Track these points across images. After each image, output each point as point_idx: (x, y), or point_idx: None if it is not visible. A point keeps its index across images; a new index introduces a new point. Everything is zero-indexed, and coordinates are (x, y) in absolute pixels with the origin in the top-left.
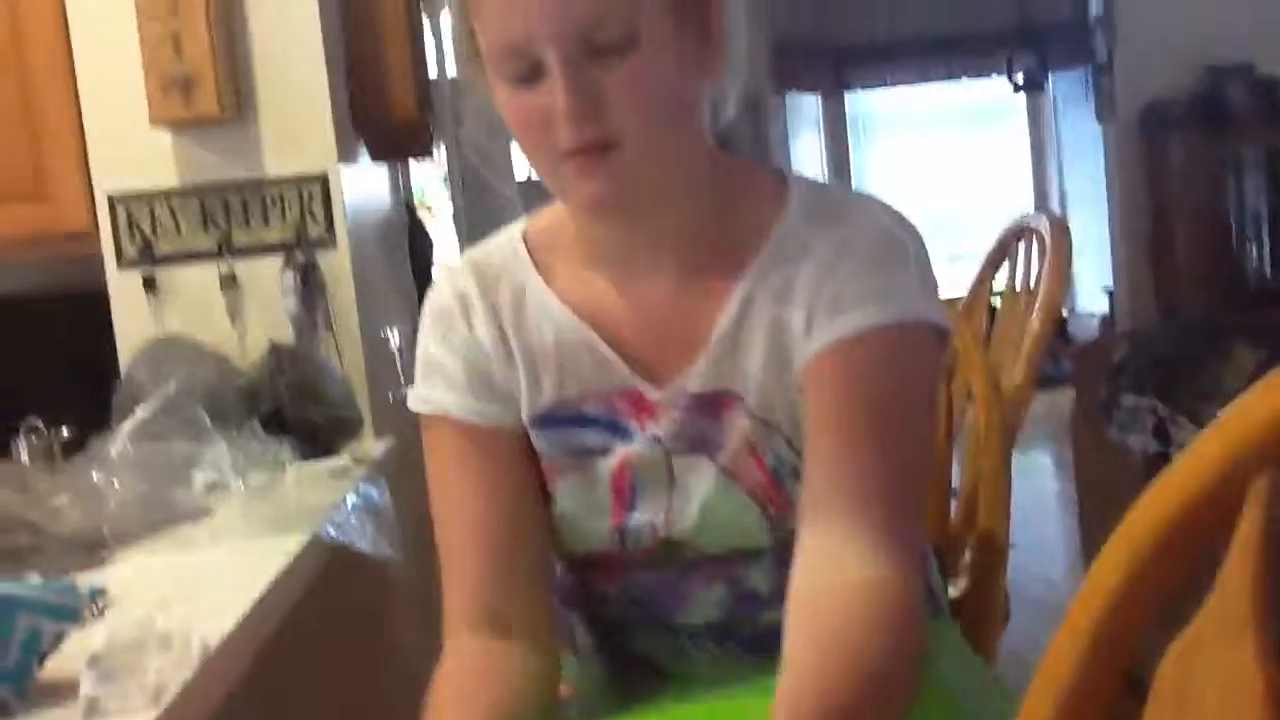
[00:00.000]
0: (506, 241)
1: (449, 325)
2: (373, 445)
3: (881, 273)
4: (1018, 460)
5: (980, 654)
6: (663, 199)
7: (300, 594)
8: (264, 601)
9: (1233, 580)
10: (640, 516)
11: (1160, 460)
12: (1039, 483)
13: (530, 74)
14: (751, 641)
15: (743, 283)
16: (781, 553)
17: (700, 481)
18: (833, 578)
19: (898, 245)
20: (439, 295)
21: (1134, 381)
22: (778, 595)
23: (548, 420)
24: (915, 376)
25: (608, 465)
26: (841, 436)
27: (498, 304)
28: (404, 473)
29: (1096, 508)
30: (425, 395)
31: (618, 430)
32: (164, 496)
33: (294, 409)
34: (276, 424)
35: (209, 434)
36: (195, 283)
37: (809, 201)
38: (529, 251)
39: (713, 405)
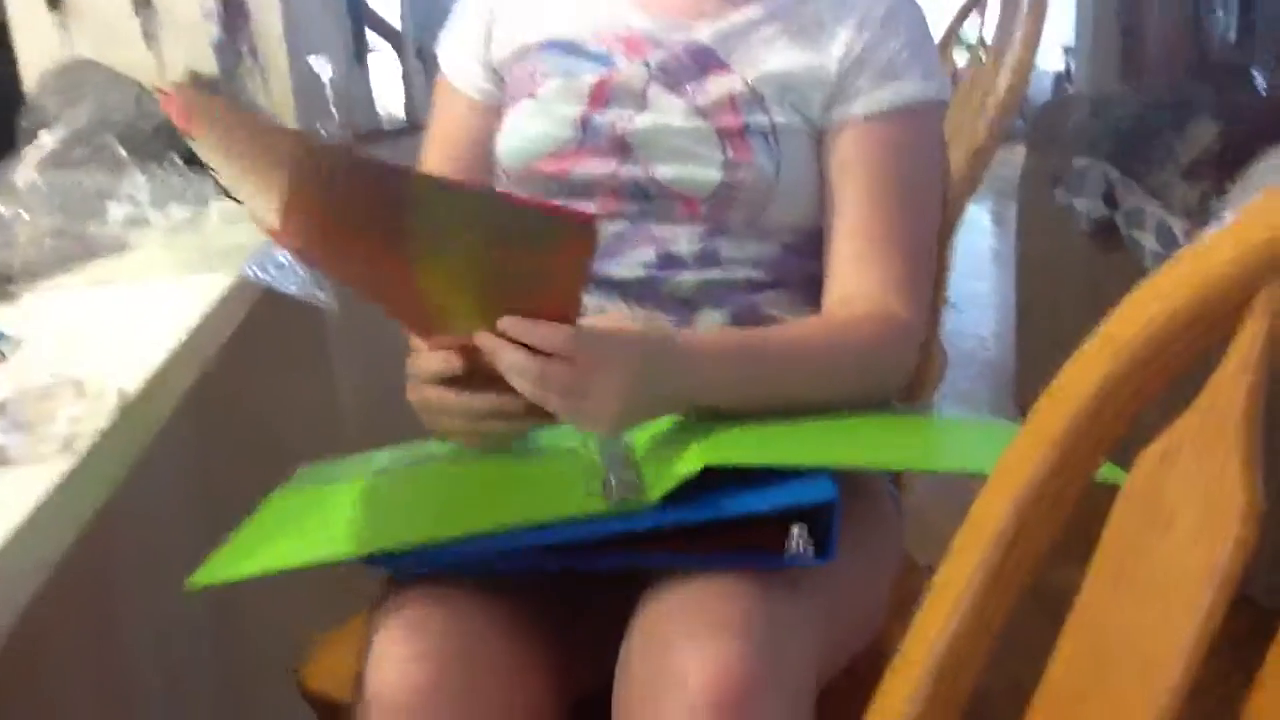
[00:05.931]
0: None
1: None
2: None
3: (927, 46)
4: None
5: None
6: None
7: (226, 339)
8: (187, 345)
9: (1225, 391)
10: (606, 116)
11: (1106, 225)
12: (977, 239)
13: None
14: (665, 301)
15: None
16: (716, 217)
17: (670, 110)
18: (858, 307)
19: (924, 18)
20: None
21: (1089, 144)
22: (697, 261)
23: (550, 46)
24: (938, 146)
25: (591, 78)
26: (882, 195)
27: None
28: None
29: (1035, 268)
30: (441, 51)
31: (610, 63)
32: (77, 230)
33: None
34: (198, 161)
35: (125, 165)
36: (104, 2)
37: None
38: None
39: (705, 63)
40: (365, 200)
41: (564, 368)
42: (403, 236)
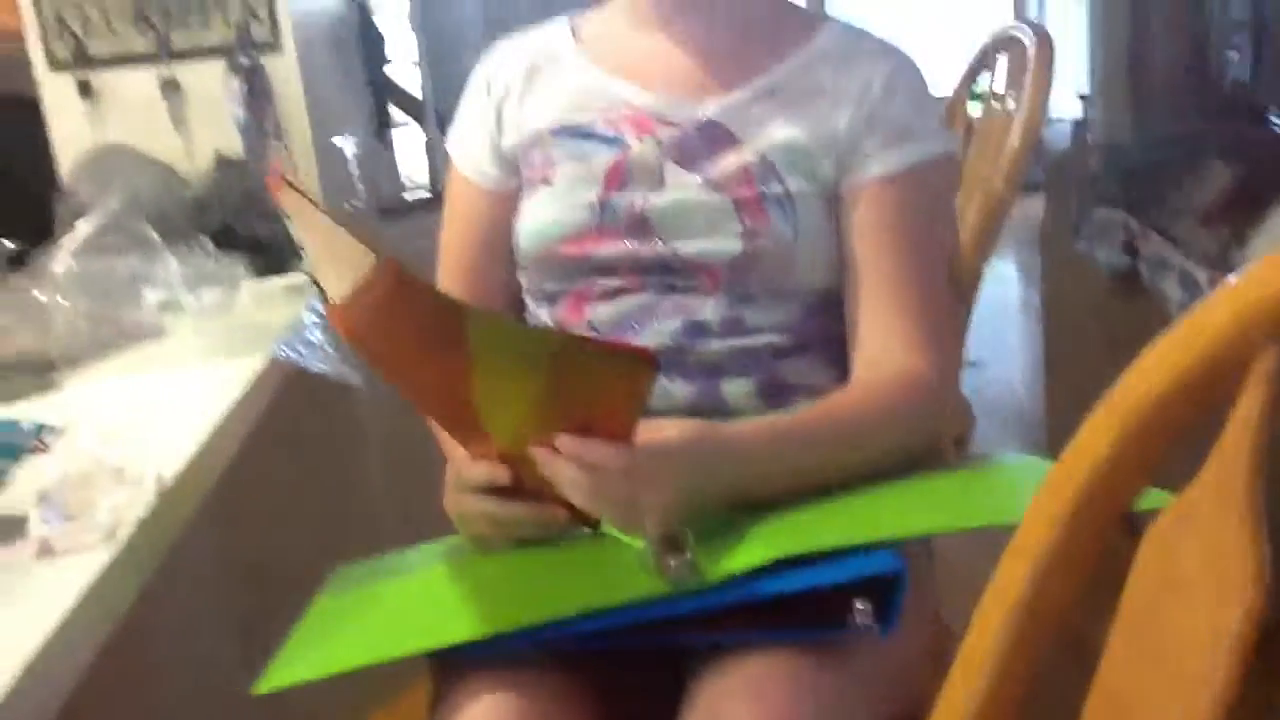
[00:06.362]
0: (551, 24)
1: (479, 88)
2: None
3: (930, 104)
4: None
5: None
6: None
7: (258, 419)
8: (221, 430)
9: (1229, 458)
10: (623, 196)
11: (1128, 274)
12: (1003, 290)
13: None
14: (691, 369)
15: (781, 63)
16: (739, 283)
17: (686, 186)
18: (884, 370)
19: (923, 77)
20: (483, 62)
21: (1106, 194)
22: (723, 329)
23: (561, 131)
24: (950, 201)
25: (606, 160)
26: (901, 256)
27: (530, 65)
28: None
29: (1062, 319)
30: (451, 142)
31: (622, 144)
32: (114, 315)
33: (244, 224)
34: (227, 239)
35: (158, 249)
36: (134, 88)
37: (842, 26)
38: (570, 28)
39: (715, 138)
40: (425, 317)
41: (618, 483)
42: (463, 350)
